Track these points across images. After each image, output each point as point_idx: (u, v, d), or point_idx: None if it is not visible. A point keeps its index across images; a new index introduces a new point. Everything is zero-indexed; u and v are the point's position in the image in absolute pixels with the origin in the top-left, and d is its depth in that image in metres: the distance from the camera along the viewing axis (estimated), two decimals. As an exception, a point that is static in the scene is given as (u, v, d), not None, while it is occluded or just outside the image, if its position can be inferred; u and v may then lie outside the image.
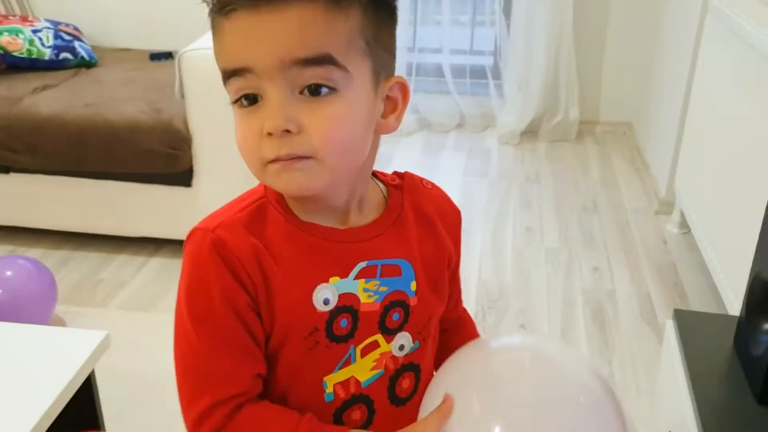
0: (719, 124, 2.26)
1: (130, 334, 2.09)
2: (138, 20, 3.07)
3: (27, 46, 2.73)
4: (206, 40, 2.27)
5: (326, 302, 0.80)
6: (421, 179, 0.92)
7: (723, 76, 2.25)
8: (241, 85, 0.73)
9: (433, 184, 0.94)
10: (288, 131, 0.72)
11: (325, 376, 0.82)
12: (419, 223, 0.88)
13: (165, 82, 2.55)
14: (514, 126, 3.63)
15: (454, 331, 1.00)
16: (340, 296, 0.80)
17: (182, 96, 2.28)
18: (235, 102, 0.75)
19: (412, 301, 0.86)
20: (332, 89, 0.72)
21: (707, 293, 2.36)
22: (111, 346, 1.43)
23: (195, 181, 2.39)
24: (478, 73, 3.83)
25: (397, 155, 3.42)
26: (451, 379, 0.81)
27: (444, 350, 0.92)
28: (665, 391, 1.43)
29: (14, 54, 2.71)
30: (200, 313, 0.77)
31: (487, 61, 3.84)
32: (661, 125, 3.08)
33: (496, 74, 3.79)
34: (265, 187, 0.81)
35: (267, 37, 0.70)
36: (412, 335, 0.86)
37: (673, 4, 3.11)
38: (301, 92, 0.72)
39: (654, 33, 3.35)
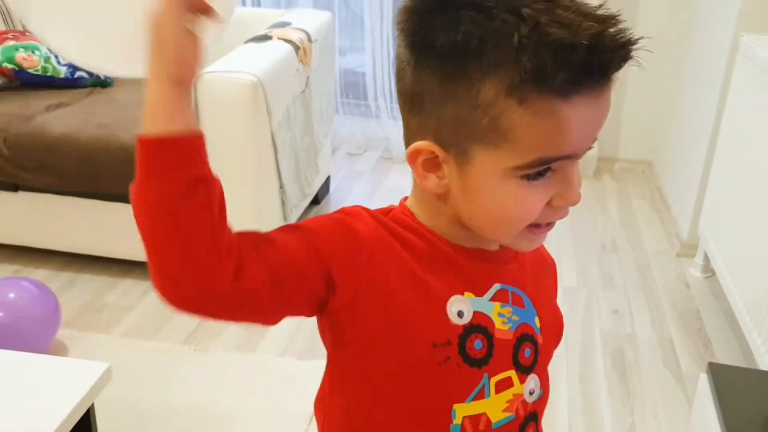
0: (749, 165, 2.18)
1: (133, 362, 2.02)
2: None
3: (42, 63, 2.69)
4: (224, 62, 2.22)
5: (460, 315, 0.73)
6: None
7: (755, 116, 2.18)
8: (552, 165, 0.68)
9: None
10: None
11: (455, 403, 0.73)
12: (536, 265, 0.83)
13: (180, 104, 2.50)
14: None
15: None
16: (475, 313, 0.74)
17: (197, 120, 2.22)
18: (525, 176, 0.68)
19: (539, 338, 0.79)
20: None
21: (732, 341, 2.28)
22: (112, 375, 1.36)
23: (207, 206, 2.32)
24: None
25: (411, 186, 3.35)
26: None
27: None
28: (697, 449, 1.35)
29: (29, 71, 2.67)
30: (310, 226, 0.72)
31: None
32: (684, 165, 3.01)
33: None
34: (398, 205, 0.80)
35: (599, 123, 0.69)
36: (540, 379, 0.79)
37: (699, 42, 3.06)
38: None
39: (678, 70, 3.29)
